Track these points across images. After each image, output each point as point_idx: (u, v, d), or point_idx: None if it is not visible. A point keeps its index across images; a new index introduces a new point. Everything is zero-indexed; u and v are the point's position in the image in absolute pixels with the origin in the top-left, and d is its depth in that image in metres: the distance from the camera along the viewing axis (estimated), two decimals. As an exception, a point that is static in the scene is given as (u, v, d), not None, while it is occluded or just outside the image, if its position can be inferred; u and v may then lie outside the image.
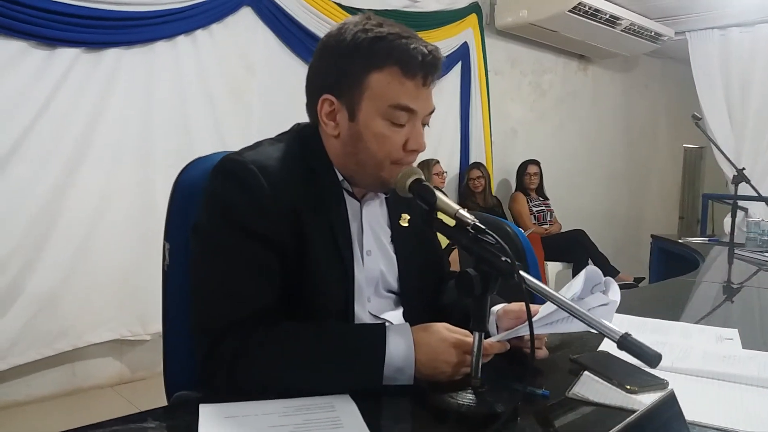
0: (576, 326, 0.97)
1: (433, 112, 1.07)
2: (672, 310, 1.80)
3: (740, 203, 3.82)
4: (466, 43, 4.79)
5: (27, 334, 2.82)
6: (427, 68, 1.02)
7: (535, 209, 5.22)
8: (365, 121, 1.02)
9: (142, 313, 3.17)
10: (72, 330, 2.97)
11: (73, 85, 2.88)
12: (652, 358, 0.75)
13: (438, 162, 4.45)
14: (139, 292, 3.13)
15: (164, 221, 1.22)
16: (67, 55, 2.84)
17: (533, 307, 1.08)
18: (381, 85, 1.01)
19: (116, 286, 3.11)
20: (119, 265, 3.11)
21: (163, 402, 1.18)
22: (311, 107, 1.08)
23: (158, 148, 3.20)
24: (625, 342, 0.76)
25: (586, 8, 4.78)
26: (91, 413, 2.91)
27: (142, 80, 3.13)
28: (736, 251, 3.14)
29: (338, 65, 1.03)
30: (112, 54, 3.00)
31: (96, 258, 3.02)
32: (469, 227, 0.88)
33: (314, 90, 1.07)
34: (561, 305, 0.83)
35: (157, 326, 3.09)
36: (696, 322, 1.55)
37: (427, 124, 1.08)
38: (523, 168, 5.28)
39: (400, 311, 1.16)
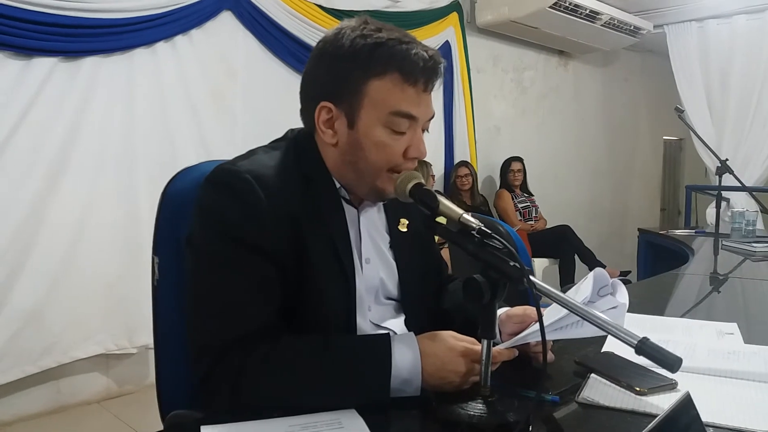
0: (586, 331, 0.94)
1: (433, 117, 1.05)
2: (667, 306, 1.80)
3: (723, 194, 3.85)
4: (447, 42, 4.78)
5: (11, 351, 2.75)
6: (428, 74, 0.99)
7: (520, 206, 5.22)
8: (365, 130, 0.99)
9: (128, 325, 3.11)
10: (57, 346, 2.91)
11: (51, 95, 2.82)
12: (674, 363, 0.73)
13: (431, 165, 4.45)
14: (124, 303, 3.07)
15: (149, 231, 1.18)
16: (43, 64, 2.78)
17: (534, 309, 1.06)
18: (381, 92, 0.98)
19: (101, 298, 3.04)
20: (103, 277, 3.05)
21: (152, 417, 1.15)
22: (307, 114, 1.05)
23: (141, 156, 3.15)
24: (644, 347, 0.74)
25: (567, 4, 4.80)
26: (78, 431, 2.85)
27: (121, 88, 3.07)
28: (722, 242, 3.16)
29: (336, 72, 1.00)
30: (90, 62, 2.94)
31: (80, 270, 2.96)
32: (474, 232, 0.86)
33: (311, 97, 1.04)
34: (574, 310, 0.81)
35: (144, 339, 3.09)
36: (692, 317, 1.54)
37: (427, 130, 1.05)
38: (506, 165, 5.29)
39: (401, 318, 1.14)
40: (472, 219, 0.87)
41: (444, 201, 0.91)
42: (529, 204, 5.28)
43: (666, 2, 5.40)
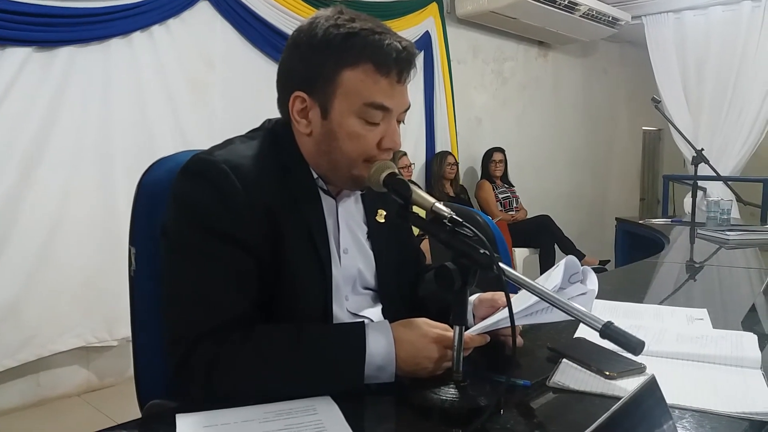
0: (555, 316, 0.97)
1: (408, 109, 1.05)
2: (641, 293, 1.83)
3: (699, 183, 3.91)
4: (427, 32, 4.79)
5: (-12, 345, 2.73)
6: (402, 64, 0.99)
7: (501, 196, 5.26)
8: (338, 120, 1.00)
9: (108, 318, 3.09)
10: (35, 339, 2.89)
11: (25, 86, 2.78)
12: (636, 346, 0.76)
13: (405, 154, 4.44)
14: (103, 296, 3.05)
15: (127, 222, 1.18)
16: (17, 55, 2.74)
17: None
18: (354, 82, 0.98)
19: (80, 291, 3.02)
20: (82, 269, 3.03)
21: (134, 409, 1.16)
22: (283, 104, 1.06)
23: (118, 147, 3.12)
24: (608, 331, 0.77)
25: (545, -6, 4.83)
26: (58, 424, 2.85)
27: (98, 79, 3.04)
28: (697, 230, 3.21)
29: (309, 62, 1.00)
30: (65, 52, 2.90)
31: (58, 263, 2.94)
32: (446, 220, 0.87)
33: (285, 86, 1.04)
34: (543, 296, 0.83)
35: (124, 331, 3.08)
36: (666, 304, 1.57)
37: (402, 122, 1.06)
38: (488, 156, 5.32)
39: (379, 308, 1.15)
40: (443, 208, 0.89)
41: (417, 190, 0.92)
42: (509, 195, 5.32)
43: (643, -7, 5.47)
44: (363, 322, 0.97)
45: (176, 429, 0.79)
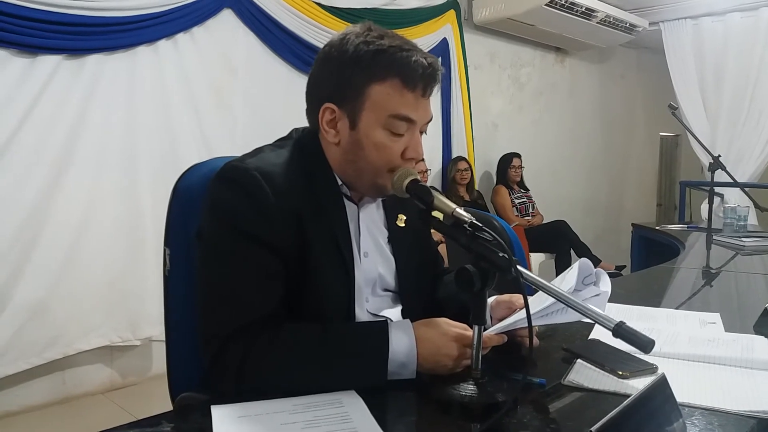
0: (570, 316, 1.01)
1: (430, 120, 1.11)
2: (656, 297, 1.85)
3: (716, 189, 3.90)
4: (445, 39, 4.83)
5: (16, 343, 2.81)
6: (427, 80, 1.05)
7: (517, 201, 5.28)
8: (365, 131, 1.05)
9: (132, 318, 3.16)
10: (61, 338, 2.97)
11: (55, 93, 2.87)
12: (646, 345, 0.80)
13: (422, 160, 4.47)
14: (128, 297, 3.13)
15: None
16: (48, 62, 2.83)
17: (521, 297, 1.12)
18: (382, 96, 1.04)
19: (105, 291, 3.10)
20: (107, 271, 3.10)
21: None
22: (312, 114, 1.11)
23: (143, 152, 3.20)
24: (620, 330, 0.81)
25: (562, 1, 4.85)
26: (83, 421, 2.91)
27: (124, 85, 3.12)
28: (714, 237, 3.21)
29: (340, 76, 1.05)
30: (93, 60, 2.99)
31: (84, 264, 3.02)
32: (466, 225, 0.92)
33: (315, 98, 1.10)
34: (559, 298, 0.87)
35: (147, 331, 3.15)
36: (679, 308, 1.60)
37: (425, 132, 1.11)
38: (505, 161, 5.34)
39: (398, 308, 1.19)
40: (464, 213, 0.93)
41: (438, 196, 0.97)
42: (525, 200, 5.34)
43: (661, 0, 5.46)
44: (386, 321, 1.02)
45: (211, 418, 0.84)
